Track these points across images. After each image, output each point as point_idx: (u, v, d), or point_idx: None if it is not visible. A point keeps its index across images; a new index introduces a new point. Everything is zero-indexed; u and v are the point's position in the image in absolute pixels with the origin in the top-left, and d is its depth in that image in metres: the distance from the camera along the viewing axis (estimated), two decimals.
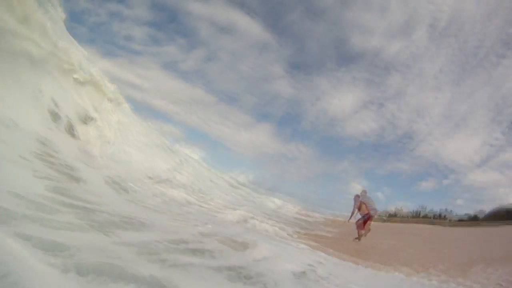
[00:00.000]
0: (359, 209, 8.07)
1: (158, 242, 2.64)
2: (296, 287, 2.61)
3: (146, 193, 6.23)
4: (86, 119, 7.49)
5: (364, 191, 8.28)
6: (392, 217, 19.80)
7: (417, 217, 19.81)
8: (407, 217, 19.63)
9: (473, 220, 22.83)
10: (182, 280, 1.94)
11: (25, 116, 5.10)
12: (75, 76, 7.50)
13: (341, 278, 3.29)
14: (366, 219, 8.02)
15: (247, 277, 2.57)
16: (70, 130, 6.48)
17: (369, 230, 8.17)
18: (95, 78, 8.58)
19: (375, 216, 8.68)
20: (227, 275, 2.48)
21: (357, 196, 8.25)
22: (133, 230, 2.92)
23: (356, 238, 8.03)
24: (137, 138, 12.07)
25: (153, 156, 11.92)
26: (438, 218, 20.62)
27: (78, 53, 7.58)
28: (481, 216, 24.09)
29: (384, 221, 19.60)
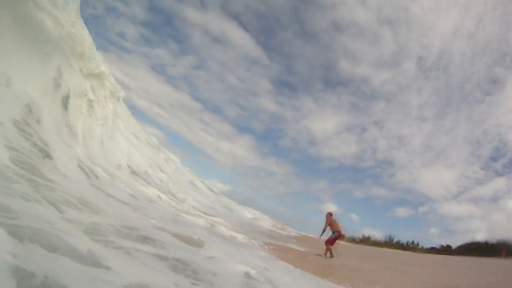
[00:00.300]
0: (331, 226, 8.27)
1: (109, 226, 2.69)
2: (240, 286, 2.68)
3: (117, 182, 6.19)
4: (83, 95, 7.33)
5: (330, 213, 8.54)
6: (365, 240, 20.05)
7: (390, 242, 20.13)
8: (380, 241, 19.96)
9: (445, 250, 23.28)
10: (119, 260, 2.00)
11: (25, 77, 4.89)
12: (83, 63, 7.34)
13: (292, 285, 3.37)
14: (336, 237, 8.22)
15: (193, 271, 2.64)
16: (64, 102, 6.32)
17: (335, 249, 8.32)
18: (101, 68, 8.48)
19: (344, 237, 8.88)
20: (171, 265, 2.54)
21: (328, 214, 8.49)
22: (88, 213, 2.96)
23: (324, 254, 8.21)
24: (127, 129, 11.98)
25: (138, 149, 11.82)
26: (411, 245, 20.98)
27: (89, 39, 7.42)
28: (453, 247, 24.65)
29: (357, 243, 19.77)
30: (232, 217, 15.73)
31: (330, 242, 8.24)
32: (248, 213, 19.07)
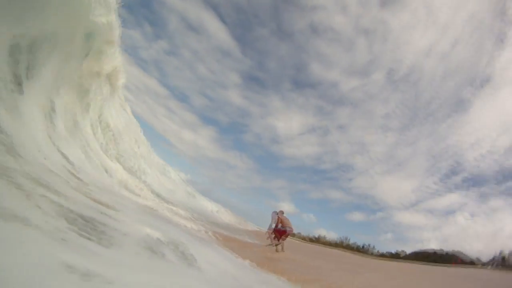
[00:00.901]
0: (282, 223, 8.53)
1: (23, 171, 2.53)
2: (141, 245, 2.59)
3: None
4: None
5: (282, 211, 8.84)
6: (317, 240, 20.61)
7: (341, 244, 20.86)
8: (332, 243, 20.57)
9: (398, 255, 24.55)
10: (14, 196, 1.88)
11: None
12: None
13: (207, 259, 3.32)
14: (283, 232, 8.45)
15: (92, 227, 2.52)
16: None
17: (282, 244, 8.46)
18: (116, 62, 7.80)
19: (291, 235, 9.12)
20: (65, 213, 2.41)
21: (274, 213, 8.73)
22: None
23: (269, 245, 8.38)
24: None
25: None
26: (362, 250, 21.91)
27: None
28: (402, 254, 26.10)
29: (312, 242, 20.33)
30: (192, 208, 15.49)
31: (277, 232, 8.45)
32: (208, 205, 18.88)
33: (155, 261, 2.40)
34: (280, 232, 8.46)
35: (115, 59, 7.20)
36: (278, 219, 8.56)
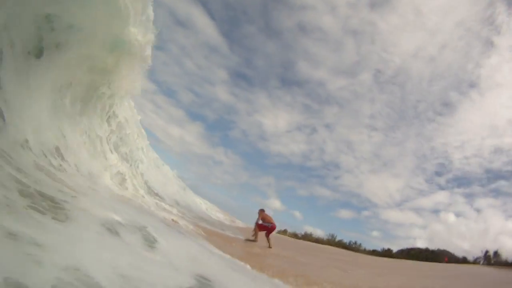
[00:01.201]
0: (264, 220, 8.70)
1: None
2: (98, 224, 2.55)
3: None
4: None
5: (262, 210, 9.01)
6: (307, 236, 20.69)
7: (333, 240, 20.96)
8: (323, 239, 20.66)
9: (386, 253, 24.72)
10: None
11: None
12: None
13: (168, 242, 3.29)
14: (269, 228, 8.60)
15: (51, 204, 2.48)
16: None
17: (270, 240, 8.48)
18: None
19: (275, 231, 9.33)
20: (23, 191, 2.38)
21: (261, 210, 8.98)
22: None
23: (252, 240, 8.47)
24: None
25: None
26: (354, 245, 22.05)
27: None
28: (394, 250, 26.37)
29: (299, 238, 20.39)
30: (186, 206, 15.41)
31: (261, 228, 8.53)
32: (198, 202, 18.82)
33: (110, 240, 2.39)
34: (265, 227, 8.55)
35: (136, 76, 6.97)
36: (259, 215, 8.76)
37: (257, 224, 8.62)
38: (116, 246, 2.37)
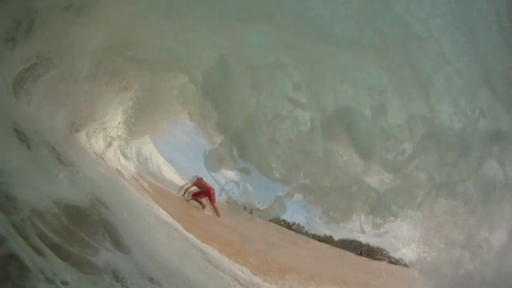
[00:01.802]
0: (198, 185, 8.39)
1: None
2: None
3: None
4: None
5: (201, 178, 8.52)
6: None
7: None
8: None
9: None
10: None
11: None
12: None
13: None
14: (205, 192, 8.31)
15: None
16: None
17: (216, 208, 8.26)
18: None
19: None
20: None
21: (194, 177, 8.60)
22: None
23: (201, 207, 8.31)
24: None
25: None
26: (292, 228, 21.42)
27: None
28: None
29: None
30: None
31: (195, 195, 8.38)
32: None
33: (20, 146, 2.55)
34: (203, 193, 8.34)
35: None
36: (198, 181, 8.40)
37: (192, 193, 8.35)
38: (26, 153, 2.57)
